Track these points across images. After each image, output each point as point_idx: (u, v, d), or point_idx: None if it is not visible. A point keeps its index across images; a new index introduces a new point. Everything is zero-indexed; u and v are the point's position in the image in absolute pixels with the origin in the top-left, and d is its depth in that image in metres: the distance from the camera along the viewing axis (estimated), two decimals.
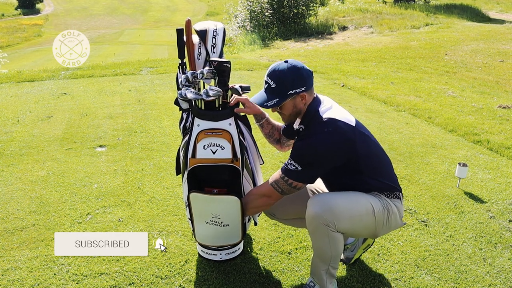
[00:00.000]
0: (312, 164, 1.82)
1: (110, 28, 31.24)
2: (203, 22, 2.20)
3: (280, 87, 1.84)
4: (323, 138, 1.79)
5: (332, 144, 1.79)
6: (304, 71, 1.85)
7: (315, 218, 1.81)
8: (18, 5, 40.44)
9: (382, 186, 1.93)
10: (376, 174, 1.93)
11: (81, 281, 2.17)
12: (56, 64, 7.80)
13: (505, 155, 3.96)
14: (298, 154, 1.83)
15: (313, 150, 1.79)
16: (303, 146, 1.83)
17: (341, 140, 1.80)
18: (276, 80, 1.84)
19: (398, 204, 1.96)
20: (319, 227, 1.80)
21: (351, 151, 1.82)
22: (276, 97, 1.85)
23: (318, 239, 1.85)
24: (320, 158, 1.81)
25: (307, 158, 1.81)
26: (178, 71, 2.19)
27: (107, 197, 3.04)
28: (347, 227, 1.84)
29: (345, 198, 1.86)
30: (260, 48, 13.73)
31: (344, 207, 1.82)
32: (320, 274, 1.94)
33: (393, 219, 1.93)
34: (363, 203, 1.87)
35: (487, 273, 2.29)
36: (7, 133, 4.35)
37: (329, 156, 1.81)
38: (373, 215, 1.86)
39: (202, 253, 2.34)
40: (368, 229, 1.92)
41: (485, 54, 9.66)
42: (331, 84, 6.89)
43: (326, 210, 1.79)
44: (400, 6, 18.79)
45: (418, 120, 5.01)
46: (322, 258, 1.90)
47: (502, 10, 19.79)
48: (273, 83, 1.85)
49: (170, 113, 5.01)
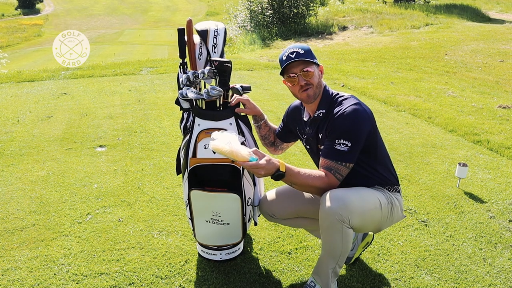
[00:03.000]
0: (358, 135, 1.85)
1: (110, 28, 31.26)
2: (204, 22, 2.21)
3: (308, 52, 1.92)
4: (358, 107, 1.86)
5: (365, 111, 1.88)
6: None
7: (331, 215, 1.78)
8: (18, 5, 40.48)
9: (387, 177, 1.98)
10: (384, 163, 2.00)
11: (81, 281, 2.17)
12: (56, 64, 7.82)
13: (505, 155, 3.96)
14: (344, 130, 1.84)
15: (356, 120, 1.84)
16: (346, 120, 1.84)
17: (369, 110, 1.90)
18: (303, 48, 1.92)
19: (399, 198, 2.02)
20: (334, 223, 1.79)
21: (374, 123, 1.92)
22: (311, 56, 1.93)
23: (331, 236, 1.83)
24: (362, 126, 1.85)
25: (354, 130, 1.84)
26: (179, 71, 2.20)
27: (107, 197, 3.04)
28: (359, 223, 1.84)
29: (357, 194, 1.87)
30: (260, 48, 13.74)
31: (357, 203, 1.82)
32: (326, 272, 1.92)
33: (395, 212, 1.98)
34: (372, 198, 1.90)
35: (487, 273, 2.29)
36: (7, 133, 4.35)
37: (367, 122, 1.87)
38: (380, 210, 1.90)
39: (202, 253, 2.34)
40: (375, 223, 1.95)
41: (485, 54, 9.66)
42: (331, 84, 6.89)
43: (341, 206, 1.78)
44: (400, 6, 18.80)
45: (418, 120, 5.01)
46: (332, 255, 1.87)
47: (502, 10, 19.79)
48: (301, 50, 1.91)
49: (170, 113, 5.01)
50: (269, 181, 3.28)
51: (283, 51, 1.98)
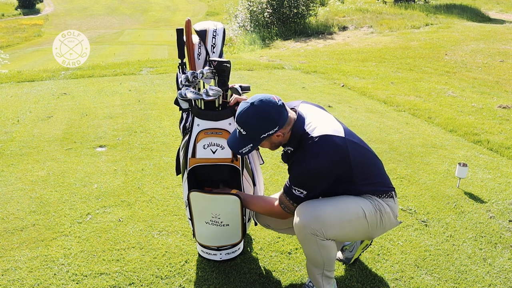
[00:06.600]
0: (316, 185, 1.79)
1: (110, 28, 31.24)
2: (203, 22, 2.20)
3: (251, 133, 1.76)
4: (321, 157, 1.74)
5: (330, 160, 1.75)
6: (273, 110, 1.73)
7: (302, 228, 1.78)
8: (18, 5, 40.44)
9: (374, 189, 1.90)
10: (367, 180, 1.88)
11: (81, 281, 2.17)
12: (56, 64, 7.82)
13: (505, 155, 3.96)
14: (300, 181, 1.80)
15: (315, 173, 1.76)
16: (304, 172, 1.77)
17: (337, 155, 1.76)
18: (246, 127, 1.75)
19: (391, 204, 1.92)
20: (307, 236, 1.78)
21: (346, 162, 1.78)
22: (250, 142, 1.79)
23: (308, 248, 1.83)
24: (322, 177, 1.78)
25: (310, 182, 1.78)
26: (178, 71, 2.19)
27: (107, 197, 3.04)
28: (337, 234, 1.81)
29: (333, 205, 1.81)
30: (260, 48, 13.75)
31: (332, 215, 1.78)
32: (315, 277, 1.93)
33: (386, 219, 1.90)
34: (353, 208, 1.83)
35: (487, 273, 2.29)
36: (7, 133, 4.35)
37: (330, 172, 1.78)
38: (364, 219, 1.83)
39: (202, 253, 2.34)
40: (362, 233, 1.90)
41: (485, 54, 9.66)
42: (331, 84, 6.89)
43: (313, 219, 1.76)
44: (400, 6, 18.78)
45: (418, 120, 5.01)
46: (315, 264, 1.89)
47: (502, 10, 19.79)
48: (243, 130, 1.76)
49: (170, 113, 5.01)
50: (269, 181, 3.28)
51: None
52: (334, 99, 5.91)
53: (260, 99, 1.73)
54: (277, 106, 1.75)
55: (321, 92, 6.35)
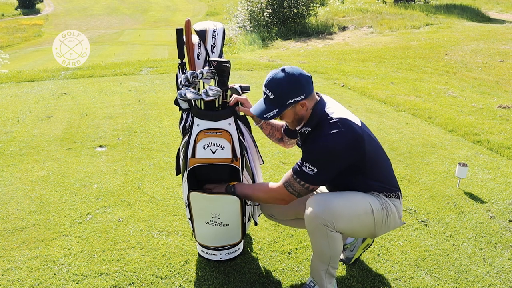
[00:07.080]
0: (328, 165, 1.80)
1: (110, 28, 31.24)
2: (203, 22, 2.20)
3: (279, 97, 1.80)
4: (338, 137, 1.76)
5: (346, 143, 1.77)
6: (303, 78, 1.80)
7: (314, 219, 1.80)
8: (18, 5, 40.45)
9: (383, 186, 1.92)
10: (377, 176, 1.92)
11: (81, 281, 2.17)
12: (56, 64, 7.83)
13: (505, 155, 3.96)
14: (313, 157, 1.80)
15: (329, 151, 1.76)
16: (318, 148, 1.79)
17: (354, 139, 1.79)
18: (274, 91, 1.80)
19: (397, 204, 1.95)
20: (318, 227, 1.80)
21: (361, 150, 1.82)
22: (275, 107, 1.82)
23: (317, 239, 1.85)
24: (336, 158, 1.78)
25: (323, 159, 1.78)
26: (178, 71, 2.19)
27: (107, 197, 3.04)
28: (345, 227, 1.83)
29: (344, 198, 1.85)
30: (260, 48, 13.74)
31: (342, 207, 1.81)
32: (319, 274, 1.94)
33: (391, 219, 1.93)
34: (362, 203, 1.86)
35: (487, 273, 2.29)
36: (7, 133, 4.35)
37: (344, 155, 1.79)
38: (371, 215, 1.86)
39: (202, 253, 2.34)
40: (367, 229, 1.92)
41: (485, 54, 9.66)
42: (331, 84, 6.89)
43: (324, 210, 1.79)
44: (400, 6, 18.79)
45: (418, 120, 5.01)
46: (322, 258, 1.90)
47: (502, 10, 19.79)
48: (271, 93, 1.81)
49: (170, 113, 5.01)
50: (269, 181, 3.28)
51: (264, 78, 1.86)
52: (334, 99, 5.88)
53: (291, 67, 1.82)
54: (306, 76, 1.82)
55: (321, 92, 6.30)
